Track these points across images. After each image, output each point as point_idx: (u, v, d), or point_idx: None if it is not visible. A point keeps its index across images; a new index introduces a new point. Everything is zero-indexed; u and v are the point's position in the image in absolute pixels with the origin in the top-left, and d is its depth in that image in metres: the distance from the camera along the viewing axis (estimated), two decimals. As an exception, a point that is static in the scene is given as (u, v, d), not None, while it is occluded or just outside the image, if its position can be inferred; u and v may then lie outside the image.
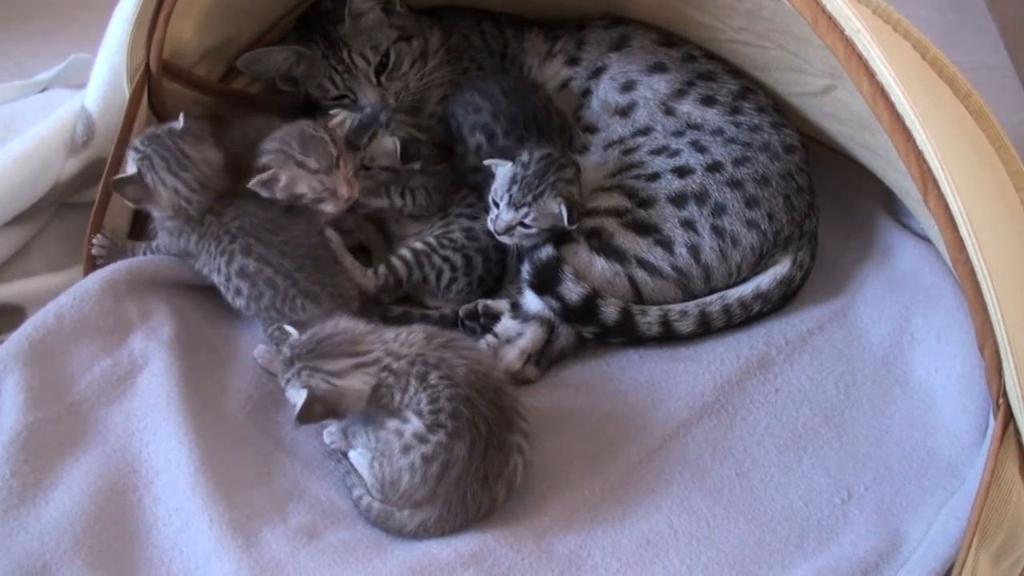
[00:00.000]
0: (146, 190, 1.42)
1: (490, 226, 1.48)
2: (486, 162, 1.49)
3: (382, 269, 1.51)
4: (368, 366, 1.26)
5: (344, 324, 1.30)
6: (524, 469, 1.27)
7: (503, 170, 1.47)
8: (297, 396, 1.25)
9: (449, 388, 1.24)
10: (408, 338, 1.29)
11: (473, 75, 1.66)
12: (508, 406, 1.27)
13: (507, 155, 1.50)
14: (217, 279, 1.45)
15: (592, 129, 1.61)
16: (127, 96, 1.48)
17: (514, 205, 1.45)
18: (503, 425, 1.25)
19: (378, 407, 1.27)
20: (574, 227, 1.45)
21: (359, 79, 1.59)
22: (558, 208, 1.44)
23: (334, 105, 1.62)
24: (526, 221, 1.45)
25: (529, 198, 1.44)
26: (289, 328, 1.31)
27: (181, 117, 1.44)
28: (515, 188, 1.45)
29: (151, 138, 1.43)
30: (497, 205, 1.47)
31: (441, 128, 1.64)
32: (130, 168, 1.43)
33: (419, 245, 1.53)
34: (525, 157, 1.47)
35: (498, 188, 1.47)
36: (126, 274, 1.44)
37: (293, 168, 1.43)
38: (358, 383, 1.25)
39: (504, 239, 1.47)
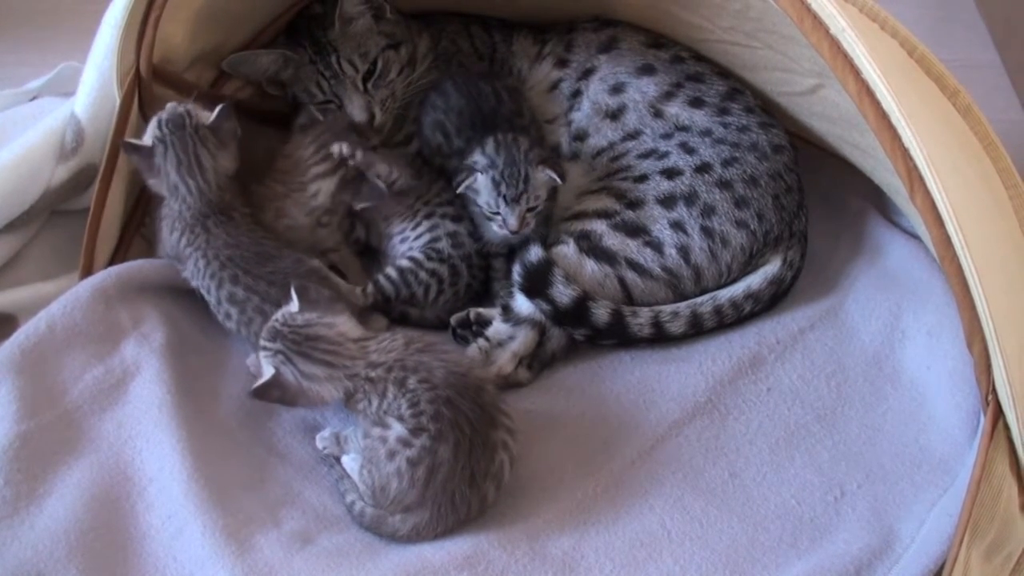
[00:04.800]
0: (151, 167, 1.45)
1: (503, 233, 1.49)
2: (460, 191, 1.50)
3: (370, 288, 1.52)
4: (339, 380, 1.28)
5: (340, 329, 1.30)
6: (511, 465, 1.28)
7: (481, 183, 1.48)
8: (265, 368, 1.28)
9: (429, 391, 1.24)
10: (387, 345, 1.30)
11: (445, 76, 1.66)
12: (490, 404, 1.27)
13: (461, 156, 1.54)
14: (208, 298, 1.45)
15: (582, 136, 1.60)
16: (117, 102, 1.48)
17: (514, 201, 1.46)
18: (486, 423, 1.25)
19: (355, 411, 1.29)
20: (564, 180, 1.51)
21: (346, 85, 1.59)
22: (546, 175, 1.47)
23: (321, 109, 1.62)
24: (531, 205, 1.47)
25: (521, 185, 1.46)
26: (294, 294, 1.31)
27: (218, 109, 1.46)
28: (503, 187, 1.46)
29: (176, 124, 1.44)
30: (497, 213, 1.48)
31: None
32: (146, 137, 1.45)
33: (404, 263, 1.54)
34: (486, 160, 1.48)
35: (488, 200, 1.48)
36: (116, 280, 1.44)
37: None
38: (323, 391, 1.28)
39: (525, 232, 1.49)
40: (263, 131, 1.66)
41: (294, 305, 1.31)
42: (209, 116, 1.46)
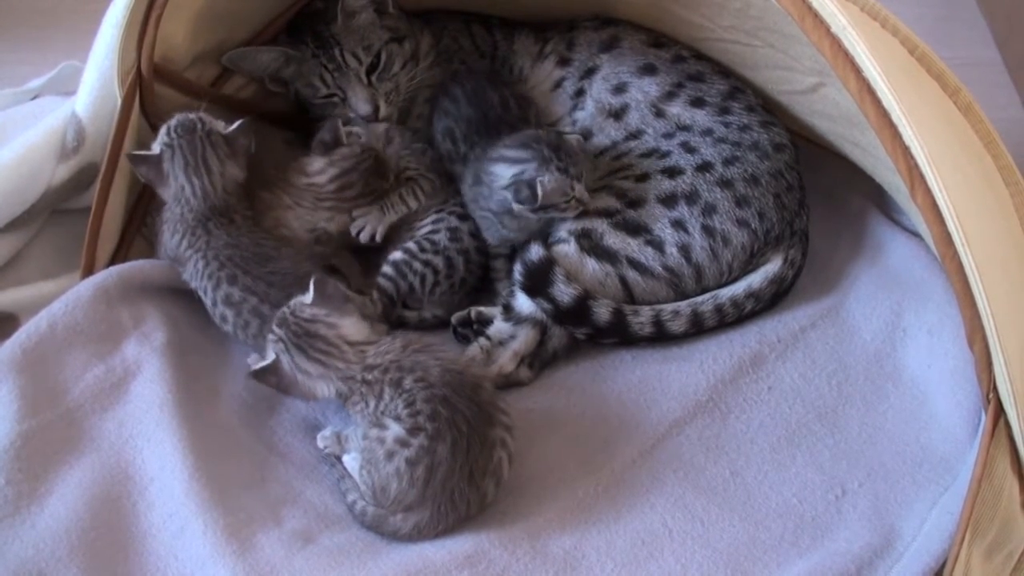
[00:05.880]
0: (159, 174, 1.46)
1: (577, 213, 1.47)
2: (542, 205, 1.43)
3: (376, 296, 1.52)
4: (331, 381, 1.29)
5: (341, 331, 1.30)
6: (510, 462, 1.28)
7: (551, 182, 1.42)
8: (268, 352, 1.30)
9: (425, 390, 1.25)
10: (385, 348, 1.30)
11: (449, 78, 1.66)
12: (487, 401, 1.27)
13: (464, 161, 1.55)
14: (204, 300, 1.45)
15: (586, 135, 1.60)
16: (118, 101, 1.48)
17: (580, 176, 1.45)
18: (483, 421, 1.25)
19: (352, 412, 1.30)
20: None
21: (350, 78, 1.59)
22: (574, 138, 1.50)
23: (323, 104, 1.62)
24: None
25: (577, 157, 1.45)
26: (311, 285, 1.31)
27: (238, 123, 1.47)
28: (571, 170, 1.44)
29: (186, 129, 1.45)
30: (570, 201, 1.45)
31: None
32: (155, 145, 1.46)
33: (397, 255, 1.54)
34: (532, 163, 1.44)
35: (565, 189, 1.44)
36: (117, 280, 1.44)
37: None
38: (315, 388, 1.29)
39: None
40: (261, 128, 1.65)
41: (308, 296, 1.31)
42: (223, 125, 1.48)
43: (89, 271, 1.48)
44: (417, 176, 1.59)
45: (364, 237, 1.54)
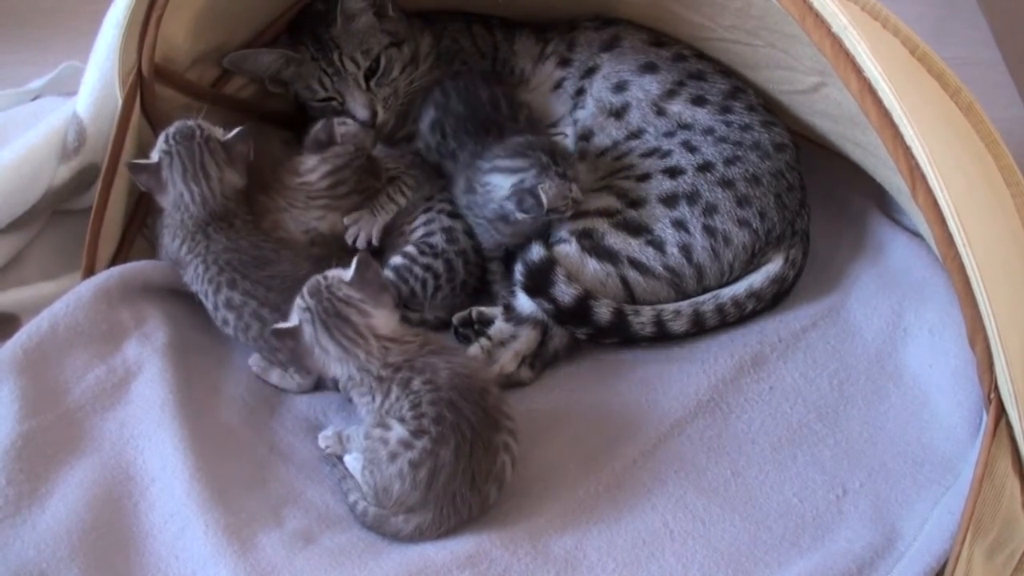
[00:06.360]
0: (158, 181, 1.45)
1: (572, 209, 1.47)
2: (551, 209, 1.43)
3: None
4: (347, 365, 1.28)
5: (372, 322, 1.29)
6: (513, 467, 1.27)
7: (551, 187, 1.42)
8: (293, 316, 1.30)
9: (431, 392, 1.24)
10: (402, 347, 1.29)
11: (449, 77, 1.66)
12: (493, 406, 1.27)
13: (453, 158, 1.55)
14: (206, 304, 1.45)
15: (587, 135, 1.60)
16: (119, 101, 1.48)
17: (574, 176, 1.46)
18: (488, 426, 1.25)
19: (357, 402, 1.30)
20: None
21: (348, 82, 1.59)
22: (559, 137, 1.53)
23: (322, 106, 1.62)
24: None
25: (569, 163, 1.46)
26: (353, 264, 1.30)
27: (237, 130, 1.47)
28: (567, 172, 1.44)
29: (184, 136, 1.45)
30: (568, 202, 1.45)
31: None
32: (153, 153, 1.46)
33: (398, 260, 1.54)
34: (531, 171, 1.44)
35: (563, 191, 1.44)
36: (118, 280, 1.44)
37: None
38: (330, 367, 1.29)
39: None
40: (261, 130, 1.65)
41: (347, 274, 1.30)
42: (221, 131, 1.48)
43: (90, 271, 1.49)
44: (399, 174, 1.60)
45: (361, 243, 1.54)
